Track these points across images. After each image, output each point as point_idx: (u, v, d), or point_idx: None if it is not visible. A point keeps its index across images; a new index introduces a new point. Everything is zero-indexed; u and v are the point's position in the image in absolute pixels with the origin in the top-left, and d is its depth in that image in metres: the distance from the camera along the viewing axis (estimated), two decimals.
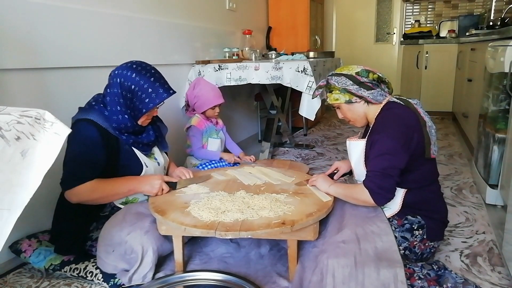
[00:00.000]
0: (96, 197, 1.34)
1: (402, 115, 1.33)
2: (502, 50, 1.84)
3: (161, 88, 1.38)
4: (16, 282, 1.38)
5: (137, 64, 1.39)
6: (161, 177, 1.42)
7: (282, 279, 1.29)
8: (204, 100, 2.05)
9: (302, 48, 3.65)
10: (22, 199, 0.71)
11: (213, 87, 2.13)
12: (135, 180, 1.40)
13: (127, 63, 1.40)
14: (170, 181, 1.46)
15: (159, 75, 1.41)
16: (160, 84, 1.38)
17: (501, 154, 1.87)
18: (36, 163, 0.73)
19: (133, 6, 2.04)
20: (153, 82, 1.37)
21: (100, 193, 1.34)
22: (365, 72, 1.37)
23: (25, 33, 1.46)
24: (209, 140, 2.08)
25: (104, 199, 1.39)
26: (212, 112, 2.08)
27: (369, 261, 1.15)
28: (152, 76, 1.38)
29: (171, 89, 1.42)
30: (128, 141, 1.41)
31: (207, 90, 2.07)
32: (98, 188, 1.33)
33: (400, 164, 1.27)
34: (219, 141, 2.12)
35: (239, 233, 1.14)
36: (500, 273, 1.36)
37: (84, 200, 1.34)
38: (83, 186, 1.30)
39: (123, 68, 1.37)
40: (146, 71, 1.38)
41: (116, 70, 1.38)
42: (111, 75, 1.39)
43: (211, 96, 2.05)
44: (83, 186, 1.30)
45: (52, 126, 0.76)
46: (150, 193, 1.40)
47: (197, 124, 2.06)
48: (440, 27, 4.76)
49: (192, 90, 2.10)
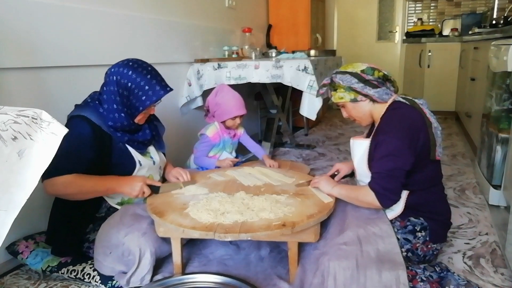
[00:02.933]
0: (71, 191, 1.30)
1: (408, 116, 1.31)
2: (505, 49, 1.82)
3: (158, 85, 1.37)
4: (13, 283, 1.37)
5: (133, 61, 1.38)
6: (143, 180, 1.38)
7: (282, 282, 1.27)
8: (224, 110, 1.90)
9: (303, 46, 3.63)
10: (19, 199, 0.71)
11: (235, 95, 1.95)
12: (115, 180, 1.36)
13: (123, 60, 1.38)
14: (153, 184, 1.42)
15: (156, 73, 1.40)
16: (157, 81, 1.37)
17: (504, 154, 1.85)
18: (33, 163, 0.72)
19: (132, 5, 2.02)
20: (150, 80, 1.36)
21: (75, 188, 1.29)
22: (371, 70, 1.35)
23: (23, 32, 1.45)
24: (223, 154, 2.00)
25: (80, 195, 1.33)
26: (232, 122, 1.94)
27: (371, 263, 1.14)
28: (148, 73, 1.36)
29: (168, 86, 1.40)
30: (122, 139, 1.39)
31: (228, 98, 1.91)
32: (74, 182, 1.29)
33: (406, 166, 1.25)
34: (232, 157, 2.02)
35: (239, 235, 1.13)
36: (503, 275, 1.35)
37: (59, 193, 1.31)
38: (60, 178, 1.26)
39: (120, 66, 1.36)
40: (143, 69, 1.36)
41: (112, 68, 1.37)
42: (107, 73, 1.38)
43: (231, 106, 1.90)
44: (60, 178, 1.26)
45: (49, 126, 0.75)
46: (130, 195, 1.37)
47: (212, 136, 1.94)
48: (443, 25, 4.74)
49: (214, 97, 1.95)
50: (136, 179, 1.37)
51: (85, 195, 1.35)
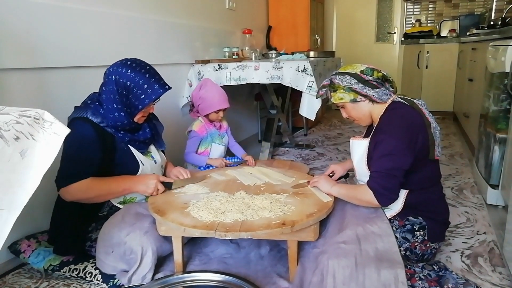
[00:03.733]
0: (90, 196, 1.33)
1: (407, 116, 1.32)
2: (503, 50, 1.84)
3: (157, 83, 1.37)
4: (15, 282, 1.38)
5: (131, 61, 1.39)
6: (157, 177, 1.41)
7: (282, 280, 1.29)
8: (208, 103, 1.97)
9: (302, 47, 3.65)
10: (21, 199, 0.71)
11: (219, 90, 2.02)
12: (130, 180, 1.39)
13: (122, 60, 1.39)
14: (165, 181, 1.45)
15: (154, 71, 1.41)
16: (155, 80, 1.38)
17: (502, 154, 1.86)
18: (35, 163, 0.72)
19: (132, 6, 2.03)
20: (148, 78, 1.36)
21: (94, 192, 1.33)
22: (370, 71, 1.36)
23: (24, 32, 1.46)
24: (213, 146, 2.03)
25: (99, 198, 1.38)
26: (215, 116, 2.01)
27: (370, 262, 1.15)
28: (147, 72, 1.37)
29: (167, 84, 1.41)
30: (124, 139, 1.40)
31: (212, 93, 1.98)
32: (92, 186, 1.32)
33: (405, 165, 1.26)
34: (223, 147, 2.06)
35: (239, 233, 1.14)
36: (501, 274, 1.36)
37: (79, 199, 1.33)
38: (78, 184, 1.29)
39: (118, 65, 1.37)
40: (141, 68, 1.37)
41: (111, 67, 1.38)
42: (106, 73, 1.39)
43: (215, 100, 1.97)
44: (77, 185, 1.29)
45: (51, 126, 0.75)
46: (145, 193, 1.40)
47: (198, 129, 2.00)
48: (441, 26, 4.76)
49: (198, 91, 2.01)
50: (150, 177, 1.40)
51: (104, 197, 1.38)
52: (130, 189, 1.39)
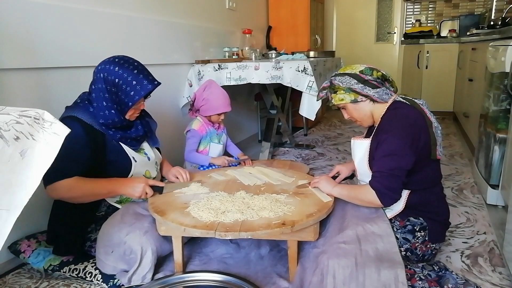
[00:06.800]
0: (74, 195, 1.31)
1: (409, 115, 1.32)
2: (503, 49, 1.84)
3: (145, 79, 1.36)
4: (15, 282, 1.38)
5: (119, 58, 1.38)
6: (145, 181, 1.38)
7: (282, 280, 1.29)
8: (211, 105, 1.97)
9: (302, 47, 3.65)
10: (21, 199, 0.71)
11: (223, 93, 2.03)
12: (117, 182, 1.37)
13: (109, 58, 1.39)
14: (155, 185, 1.42)
15: (142, 67, 1.40)
16: (143, 75, 1.37)
17: (502, 154, 1.86)
18: (35, 163, 0.72)
19: (132, 6, 2.03)
20: (137, 74, 1.35)
21: (78, 192, 1.31)
22: (369, 70, 1.35)
23: (24, 32, 1.46)
24: (211, 145, 2.03)
25: (83, 198, 1.35)
26: (217, 118, 2.01)
27: (370, 262, 1.15)
28: (135, 68, 1.36)
29: (156, 80, 1.40)
30: (115, 136, 1.39)
31: (217, 95, 1.98)
32: (77, 186, 1.30)
33: (407, 165, 1.26)
34: (221, 146, 2.06)
35: (239, 233, 1.14)
36: (501, 274, 1.36)
37: (63, 197, 1.32)
38: (63, 182, 1.28)
39: (106, 63, 1.36)
40: (129, 64, 1.36)
41: (99, 65, 1.38)
42: (94, 71, 1.38)
43: (219, 103, 1.97)
44: (62, 182, 1.28)
45: (51, 126, 0.75)
46: (132, 196, 1.38)
47: (198, 128, 2.00)
48: (441, 26, 4.76)
49: (202, 91, 2.00)
50: (138, 180, 1.38)
51: (89, 198, 1.36)
52: (115, 191, 1.37)
